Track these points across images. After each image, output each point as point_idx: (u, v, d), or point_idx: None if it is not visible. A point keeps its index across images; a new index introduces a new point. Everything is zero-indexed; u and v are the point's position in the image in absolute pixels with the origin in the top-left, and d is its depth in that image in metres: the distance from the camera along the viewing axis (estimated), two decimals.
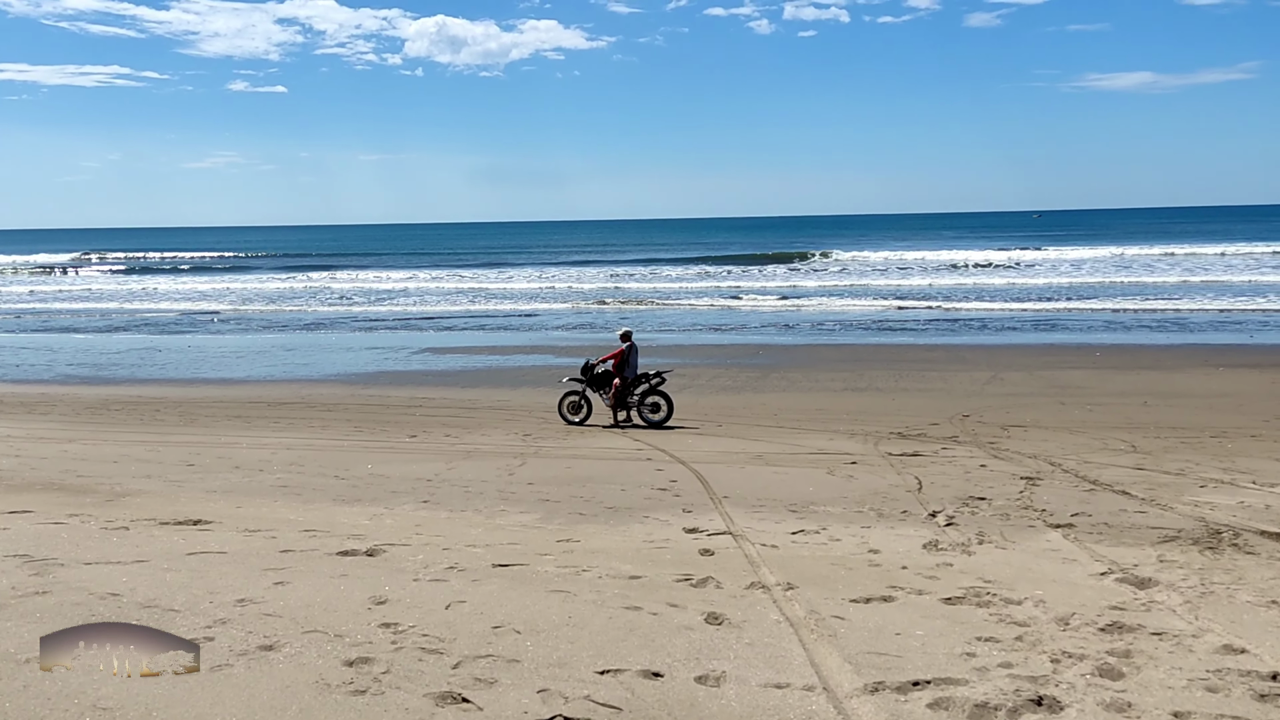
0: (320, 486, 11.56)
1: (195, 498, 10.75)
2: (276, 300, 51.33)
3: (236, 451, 14.26)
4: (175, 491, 11.23)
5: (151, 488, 11.48)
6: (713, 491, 11.16)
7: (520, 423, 17.35)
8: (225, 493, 11.14)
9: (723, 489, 11.32)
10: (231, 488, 11.51)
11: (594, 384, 17.55)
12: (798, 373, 23.72)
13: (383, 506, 10.33)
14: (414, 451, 14.36)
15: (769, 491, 11.16)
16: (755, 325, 36.08)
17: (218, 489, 11.40)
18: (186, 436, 15.83)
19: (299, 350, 30.69)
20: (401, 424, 17.18)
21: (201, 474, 12.50)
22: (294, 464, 13.09)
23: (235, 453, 14.16)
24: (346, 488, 11.52)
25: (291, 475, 12.37)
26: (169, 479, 12.12)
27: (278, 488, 11.46)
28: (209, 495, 10.92)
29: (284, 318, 42.74)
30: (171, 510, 9.85)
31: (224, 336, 35.57)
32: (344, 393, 21.60)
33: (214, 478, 12.22)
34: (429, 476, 12.23)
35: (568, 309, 44.33)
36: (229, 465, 13.08)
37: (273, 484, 11.72)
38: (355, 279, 65.60)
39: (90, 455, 13.97)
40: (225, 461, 13.39)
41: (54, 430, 16.46)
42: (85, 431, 16.32)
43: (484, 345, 30.93)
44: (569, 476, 12.26)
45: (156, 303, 50.93)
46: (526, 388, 22.01)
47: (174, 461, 13.44)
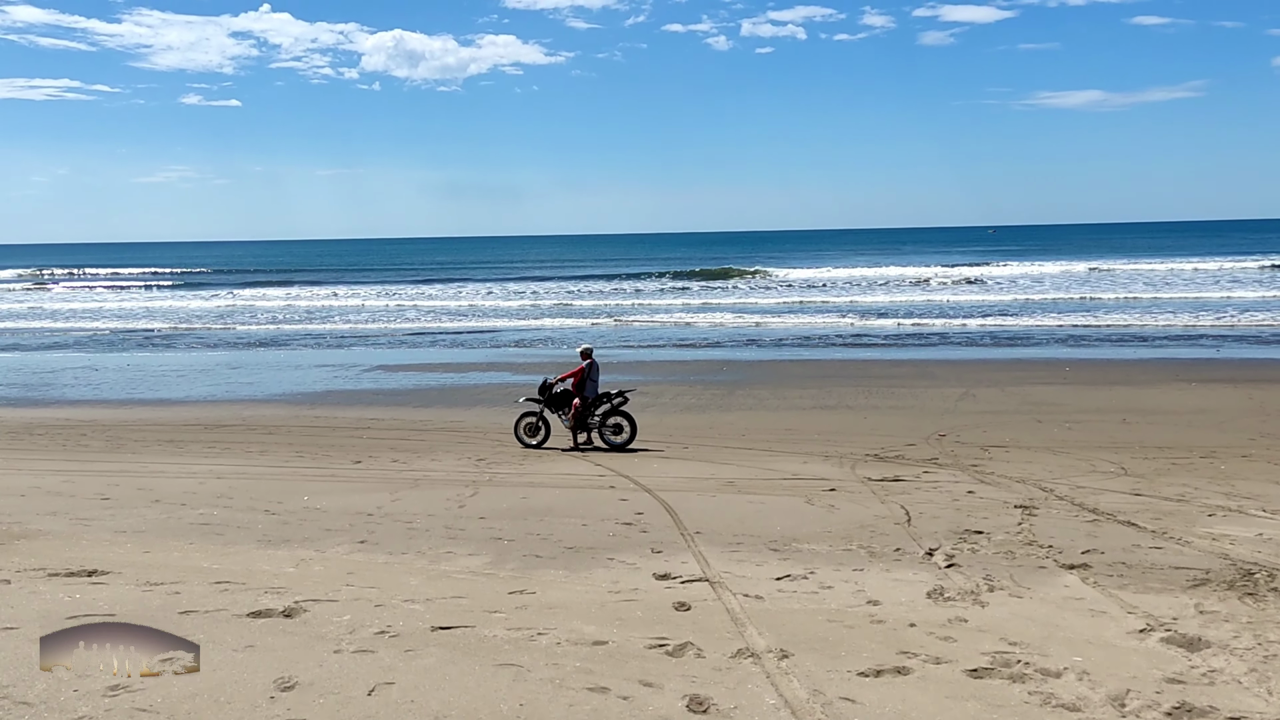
0: (246, 524, 10.37)
1: (100, 540, 9.51)
2: (225, 316, 49.69)
3: (160, 482, 12.99)
4: (80, 532, 9.98)
5: (54, 527, 10.22)
6: (683, 526, 10.12)
7: (474, 446, 16.21)
8: (136, 533, 9.91)
9: (694, 522, 10.28)
10: (145, 526, 10.27)
11: (552, 404, 16.43)
12: (764, 390, 22.79)
13: (313, 549, 9.17)
14: (357, 480, 13.18)
15: (745, 525, 10.15)
16: (717, 340, 35.17)
17: (129, 528, 10.16)
18: (109, 464, 14.52)
19: (244, 368, 29.28)
20: (347, 448, 15.98)
21: (115, 510, 11.24)
22: (222, 496, 11.86)
23: (159, 483, 12.90)
24: (276, 525, 10.34)
25: (217, 510, 11.16)
26: (77, 516, 10.85)
27: (197, 526, 10.24)
28: (116, 537, 9.68)
29: (230, 335, 41.19)
30: (67, 557, 8.62)
31: (167, 354, 34.04)
32: (288, 414, 20.33)
33: (128, 514, 10.97)
34: (370, 510, 11.07)
35: (525, 325, 43.17)
36: (148, 499, 11.83)
37: (193, 521, 10.50)
38: (308, 294, 63.96)
39: None
40: (145, 494, 12.13)
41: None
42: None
43: (438, 362, 29.70)
44: (525, 508, 11.16)
45: (97, 320, 49.07)
46: (482, 407, 20.87)
47: (88, 494, 12.17)
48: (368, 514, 10.77)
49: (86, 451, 15.87)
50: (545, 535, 9.74)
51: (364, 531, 9.94)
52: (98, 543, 9.38)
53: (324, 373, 27.63)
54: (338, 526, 10.18)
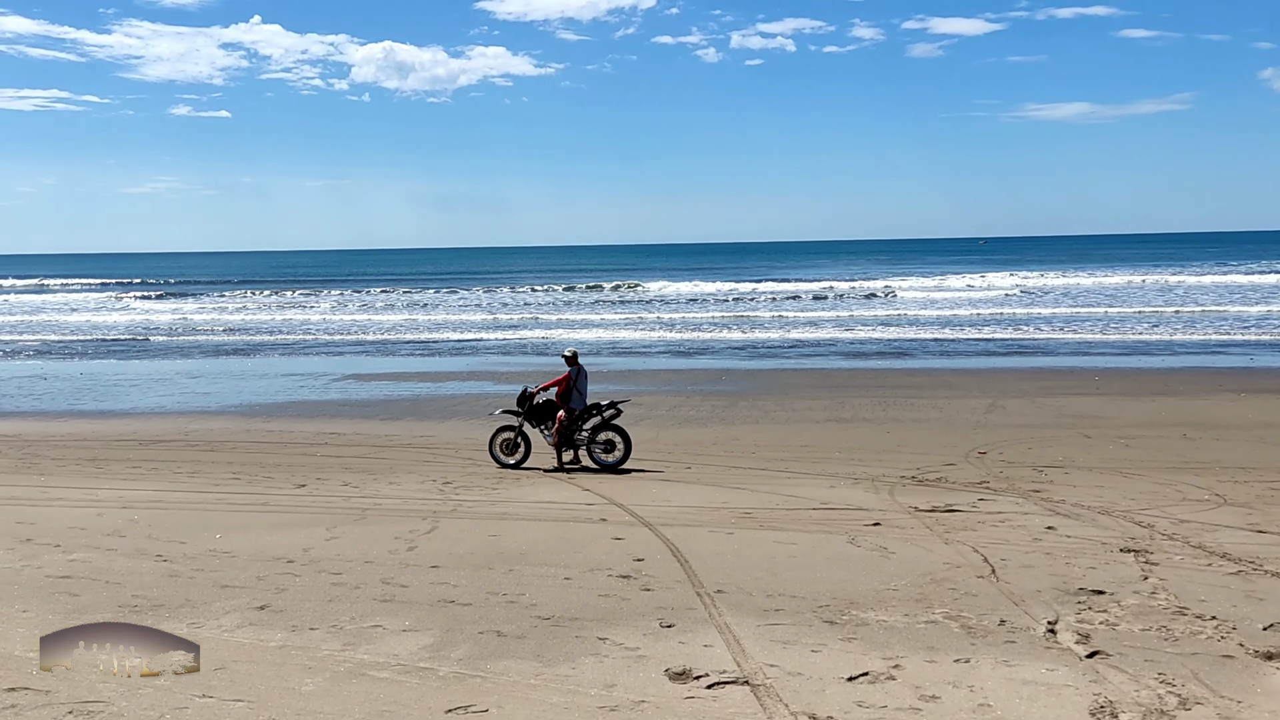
0: (122, 577, 8.15)
1: None
2: (197, 325, 47.40)
3: (51, 512, 10.80)
4: None
5: None
6: (698, 581, 7.94)
7: (442, 465, 14.04)
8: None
9: (712, 574, 8.11)
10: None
11: (533, 417, 14.23)
12: (770, 401, 20.68)
13: (187, 622, 6.95)
14: (292, 510, 10.99)
15: (779, 578, 7.98)
16: (715, 349, 33.07)
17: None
18: (1, 489, 12.31)
19: (206, 378, 27.07)
20: (295, 468, 13.80)
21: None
22: (115, 532, 9.67)
23: (48, 514, 10.71)
24: (159, 579, 8.11)
25: (97, 554, 8.95)
26: None
27: (54, 580, 8.01)
28: None
29: (201, 343, 38.93)
30: None
31: (128, 362, 31.75)
32: (240, 427, 18.13)
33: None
34: (293, 554, 8.84)
35: (511, 336, 41.01)
36: (18, 536, 9.62)
37: (53, 573, 8.25)
38: (283, 303, 61.72)
39: None
40: (19, 530, 9.94)
41: None
42: None
43: (414, 371, 27.50)
44: (492, 552, 8.96)
45: (63, 329, 46.73)
46: (457, 420, 18.71)
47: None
48: (287, 560, 8.57)
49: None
50: (514, 596, 7.53)
51: (271, 590, 7.70)
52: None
53: (289, 382, 25.42)
54: (241, 581, 7.94)
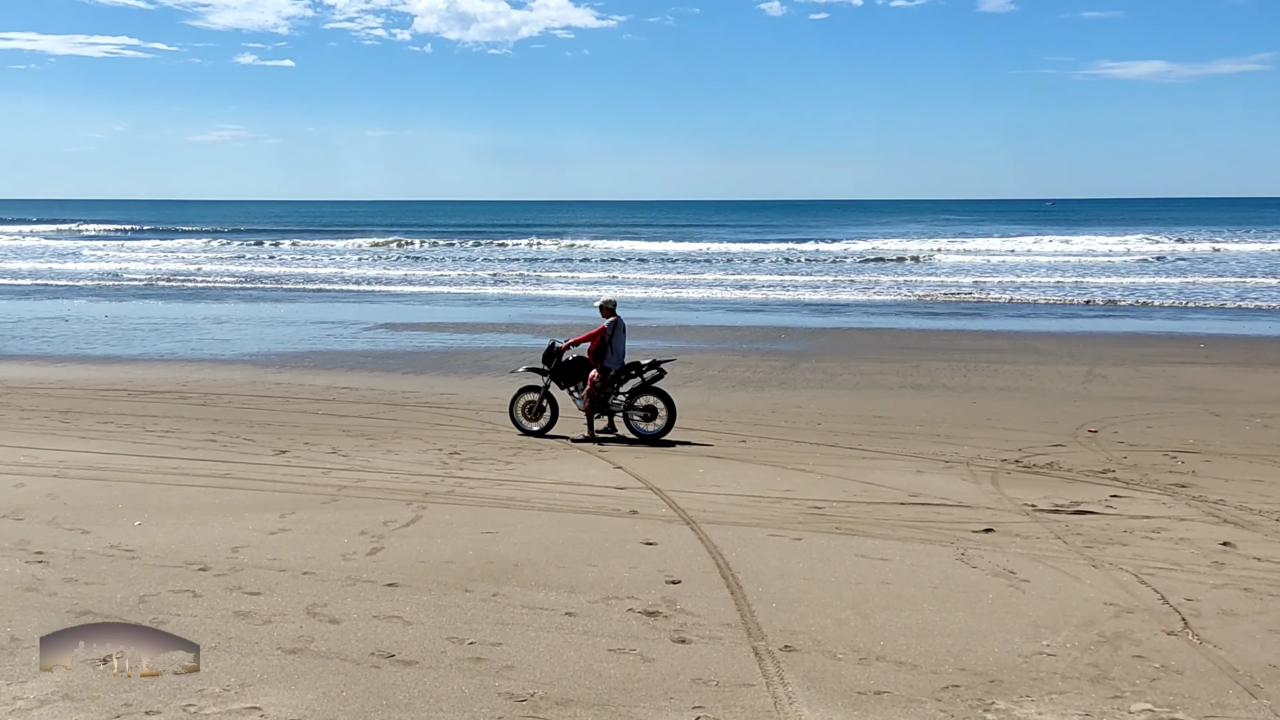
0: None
1: None
2: (245, 272, 46.01)
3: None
4: None
5: None
6: (756, 624, 5.75)
7: (456, 430, 12.08)
8: None
9: (776, 612, 5.94)
10: None
11: (561, 376, 12.15)
12: (834, 362, 18.46)
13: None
14: (254, 485, 9.06)
15: (873, 623, 5.80)
16: (772, 306, 30.77)
17: None
18: None
19: (231, 323, 25.44)
20: (284, 428, 11.92)
21: None
22: (14, 512, 7.81)
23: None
24: (6, 594, 6.13)
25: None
26: None
27: None
28: None
29: (237, 288, 37.48)
30: None
31: (157, 305, 30.28)
32: (246, 378, 16.35)
33: None
34: (213, 558, 6.81)
35: (557, 291, 38.99)
36: None
37: None
38: (331, 249, 60.33)
39: None
40: None
41: None
42: None
43: (451, 321, 25.62)
44: (477, 561, 6.87)
45: (100, 279, 45.57)
46: (486, 376, 16.78)
47: None
48: (200, 567, 6.55)
49: None
50: (485, 649, 5.35)
51: (153, 613, 5.61)
52: None
53: (316, 330, 23.67)
54: (112, 603, 5.84)
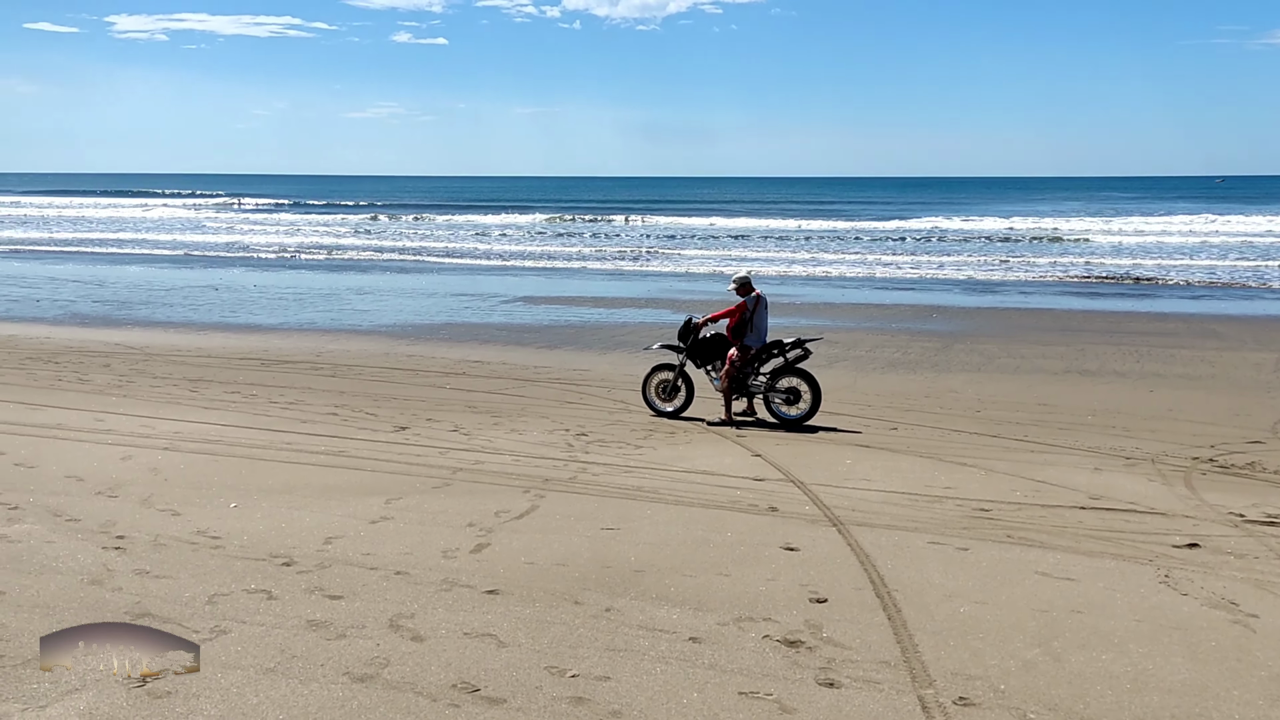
0: (21, 576, 5.77)
1: None
2: (394, 245, 46.75)
3: (73, 450, 8.81)
4: None
5: None
6: (921, 663, 4.77)
7: (586, 408, 11.46)
8: None
9: (945, 647, 4.96)
10: None
11: (697, 354, 11.38)
12: (992, 344, 17.16)
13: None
14: (364, 466, 8.58)
15: (1067, 668, 4.77)
16: (924, 284, 29.26)
17: None
18: (71, 407, 10.51)
19: (373, 295, 25.59)
20: (409, 403, 11.52)
21: None
22: (111, 488, 7.48)
23: (66, 451, 8.74)
24: (66, 587, 5.57)
25: (40, 527, 6.75)
26: None
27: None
28: None
29: (383, 261, 38.01)
30: None
31: (305, 274, 30.83)
32: (379, 349, 16.17)
33: None
34: (301, 550, 6.24)
35: (699, 269, 38.18)
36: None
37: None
38: (478, 224, 60.97)
39: None
40: (5, 474, 7.95)
41: None
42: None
43: (589, 296, 25.15)
44: (593, 564, 6.12)
45: (252, 251, 46.94)
46: (621, 352, 16.18)
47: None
48: (285, 562, 6.00)
49: (67, 387, 11.97)
50: (589, 685, 4.55)
51: (207, 631, 5.09)
52: None
53: (455, 302, 23.53)
54: (178, 603, 5.33)
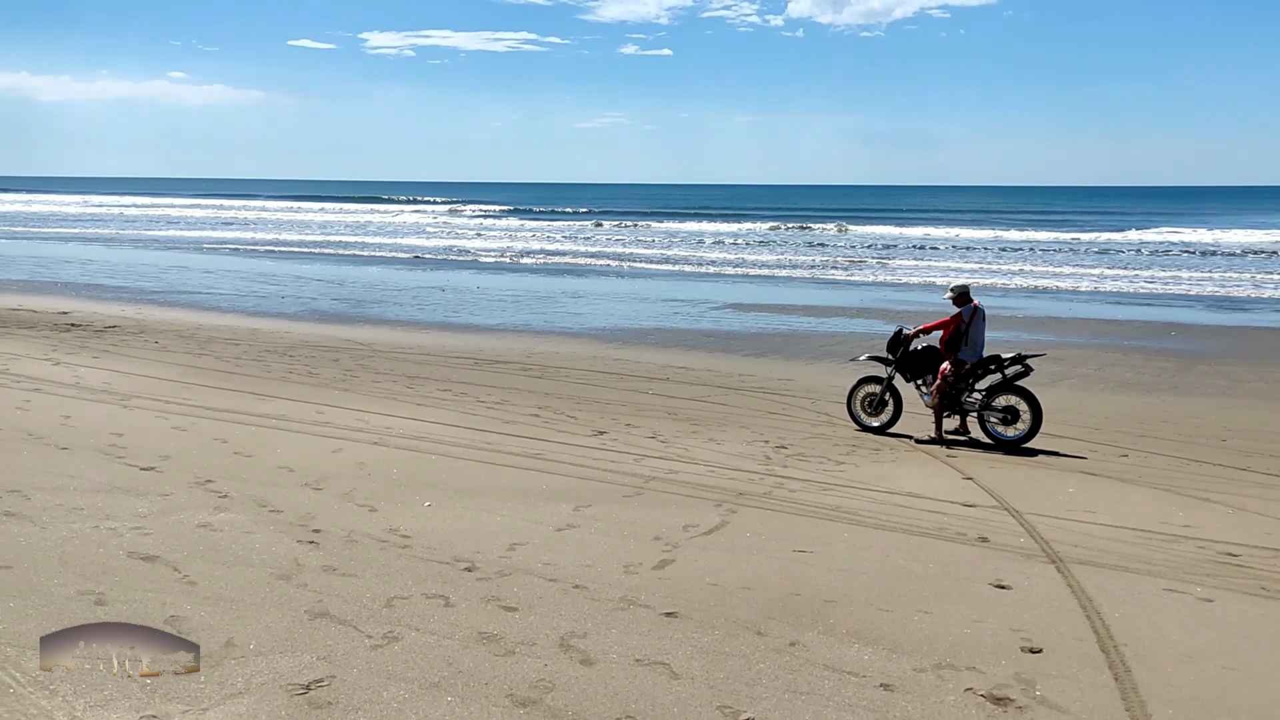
0: (215, 568, 5.89)
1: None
2: (612, 250, 47.73)
3: (289, 440, 9.25)
4: None
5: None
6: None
7: (788, 420, 11.14)
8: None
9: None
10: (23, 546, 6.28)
11: (907, 367, 10.85)
12: (1240, 366, 15.66)
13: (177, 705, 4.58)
14: (557, 470, 8.58)
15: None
16: (1161, 299, 27.13)
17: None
18: (295, 399, 11.09)
19: (586, 298, 26.07)
20: (610, 407, 11.54)
21: (136, 493, 7.49)
22: (318, 481, 7.76)
23: (283, 442, 9.18)
24: (250, 583, 5.68)
25: (242, 518, 7.04)
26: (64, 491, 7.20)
27: (122, 562, 5.99)
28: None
29: (600, 266, 38.77)
30: None
31: (527, 278, 31.80)
32: (587, 352, 16.39)
33: (123, 517, 7.15)
34: (484, 555, 6.22)
35: (914, 279, 36.92)
36: (210, 471, 8.03)
37: (136, 549, 6.14)
38: (692, 231, 61.32)
39: (104, 426, 9.51)
40: (227, 463, 8.39)
41: (167, 374, 12.36)
42: (199, 380, 12.07)
43: (799, 304, 24.71)
44: (779, 592, 5.77)
45: (480, 254, 48.88)
46: (829, 362, 15.76)
47: (177, 449, 8.63)
48: (466, 567, 5.92)
49: (296, 380, 12.64)
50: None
51: (392, 623, 5.07)
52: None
53: (665, 308, 23.63)
54: (358, 605, 5.34)
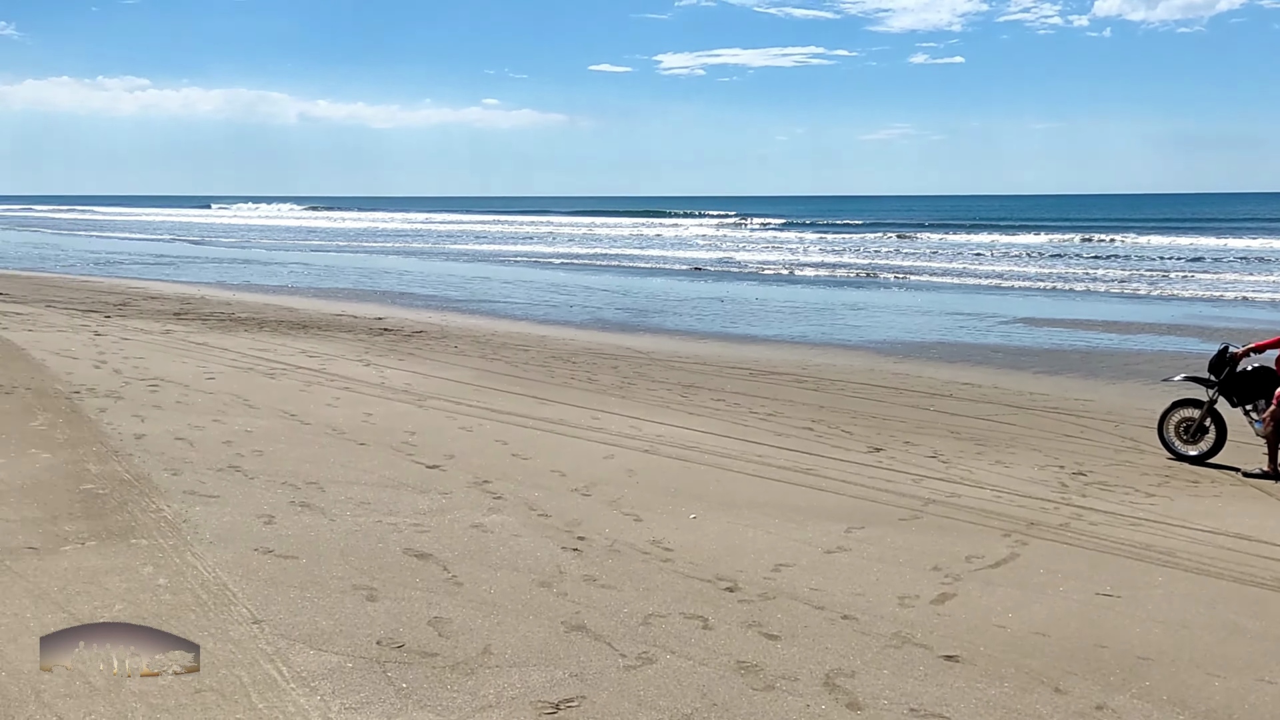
0: (474, 581, 5.95)
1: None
2: (894, 263, 46.41)
3: (566, 444, 9.30)
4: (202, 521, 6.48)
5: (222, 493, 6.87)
6: None
7: (1086, 444, 10.13)
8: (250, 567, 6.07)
9: None
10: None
11: (1233, 390, 9.55)
12: None
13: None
14: (831, 486, 8.13)
15: None
16: None
17: (284, 544, 6.38)
18: (574, 404, 11.25)
19: (865, 310, 25.31)
20: (888, 423, 10.96)
21: (406, 487, 7.68)
22: (586, 486, 7.71)
23: (559, 446, 9.25)
24: (513, 591, 5.75)
25: (509, 519, 7.03)
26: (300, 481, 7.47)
27: (407, 561, 6.09)
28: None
29: (882, 279, 37.70)
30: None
31: (801, 290, 31.37)
32: (864, 365, 15.80)
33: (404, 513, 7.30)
34: (749, 574, 5.89)
35: (1232, 278, 33.22)
36: (490, 472, 8.12)
37: (408, 546, 6.27)
38: (984, 244, 58.49)
39: (400, 424, 9.98)
40: (503, 464, 8.49)
41: (461, 377, 12.93)
42: (489, 383, 12.54)
43: (1098, 319, 22.82)
44: (1083, 638, 5.08)
45: (761, 253, 48.74)
46: (1135, 382, 14.38)
47: (417, 445, 8.87)
48: (730, 585, 5.62)
49: (576, 385, 12.85)
50: None
51: (647, 643, 4.75)
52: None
53: (949, 321, 22.52)
54: (614, 624, 5.06)
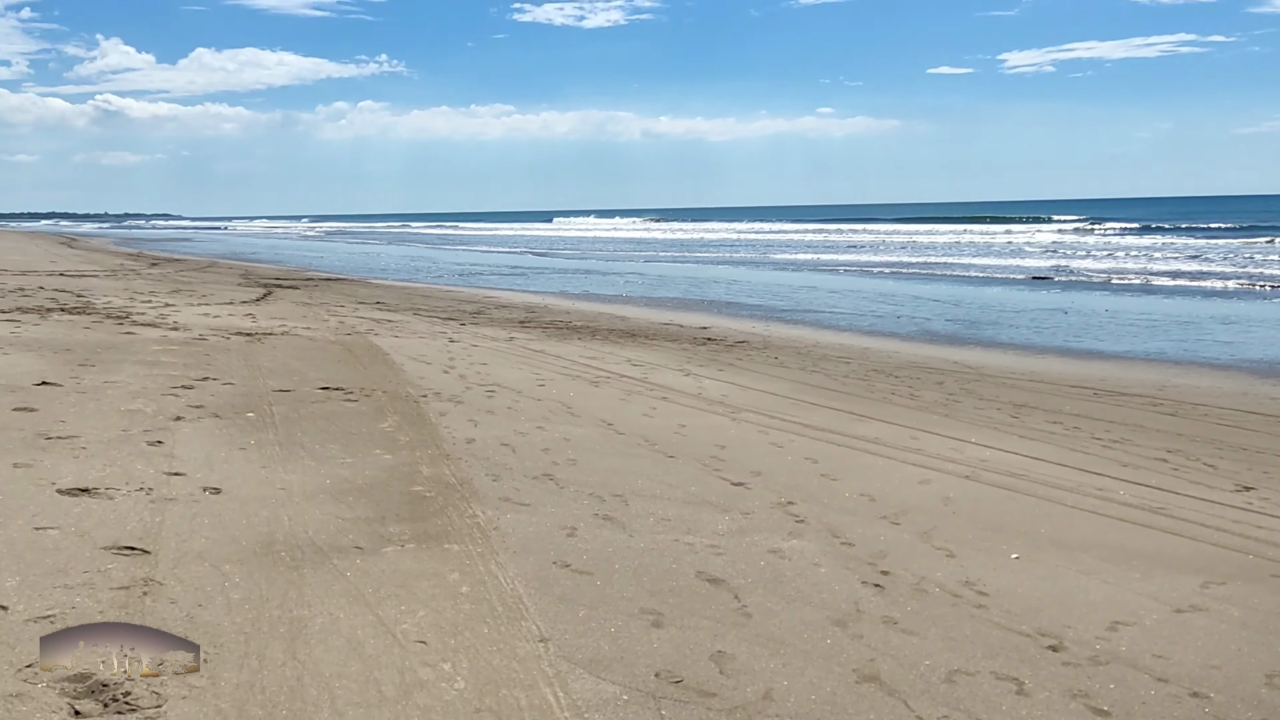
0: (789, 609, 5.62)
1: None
2: (1263, 268, 41.33)
3: (894, 471, 8.80)
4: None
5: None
6: None
7: None
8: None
9: None
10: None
11: None
12: None
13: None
14: (1186, 530, 7.16)
15: None
16: None
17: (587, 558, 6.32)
18: (892, 422, 10.76)
19: (1239, 324, 22.71)
20: (1262, 457, 9.69)
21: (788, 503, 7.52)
22: (897, 514, 7.19)
23: (868, 468, 8.78)
24: (808, 622, 5.34)
25: (815, 552, 6.66)
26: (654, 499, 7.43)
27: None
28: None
29: (1260, 292, 33.65)
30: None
31: (1159, 300, 28.59)
32: (1236, 388, 14.15)
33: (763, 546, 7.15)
34: (1070, 637, 5.19)
35: None
36: (796, 489, 7.83)
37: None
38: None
39: (710, 437, 9.97)
40: (814, 485, 8.17)
41: (778, 390, 12.79)
42: (805, 396, 12.32)
43: None
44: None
45: (1110, 261, 44.93)
46: None
47: (774, 467, 8.69)
48: (1054, 644, 4.87)
49: (897, 402, 12.29)
50: None
51: (951, 706, 4.19)
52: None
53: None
54: (914, 678, 4.42)
